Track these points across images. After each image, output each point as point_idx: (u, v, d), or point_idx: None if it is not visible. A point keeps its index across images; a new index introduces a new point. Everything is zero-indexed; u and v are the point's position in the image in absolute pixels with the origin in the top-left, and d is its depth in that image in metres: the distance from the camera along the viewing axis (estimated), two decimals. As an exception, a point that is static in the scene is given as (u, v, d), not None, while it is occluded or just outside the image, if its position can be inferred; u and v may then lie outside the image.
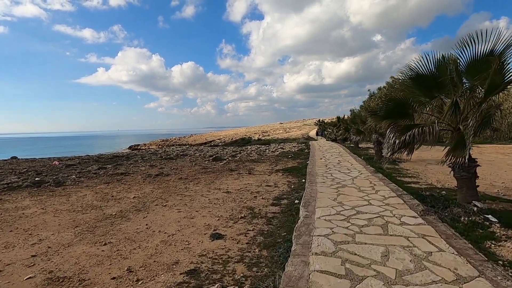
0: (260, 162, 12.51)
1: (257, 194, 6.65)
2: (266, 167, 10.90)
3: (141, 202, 6.38)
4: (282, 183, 7.81)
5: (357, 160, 10.67)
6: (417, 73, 4.72)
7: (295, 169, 9.86)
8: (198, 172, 10.30)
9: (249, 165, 11.49)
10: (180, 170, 10.96)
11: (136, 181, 9.05)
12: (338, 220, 3.93)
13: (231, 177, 9.00)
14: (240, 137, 60.10)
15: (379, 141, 11.33)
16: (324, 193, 5.58)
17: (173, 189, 7.63)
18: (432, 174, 8.57)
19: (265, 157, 14.48)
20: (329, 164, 9.92)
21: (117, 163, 13.66)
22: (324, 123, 58.37)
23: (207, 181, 8.49)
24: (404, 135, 4.28)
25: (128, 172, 10.74)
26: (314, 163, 10.28)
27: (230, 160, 13.14)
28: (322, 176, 7.51)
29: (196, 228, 4.58)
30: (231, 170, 10.31)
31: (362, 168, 8.75)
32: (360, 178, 7.09)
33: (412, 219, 3.86)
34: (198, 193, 7.08)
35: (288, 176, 8.78)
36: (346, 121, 19.70)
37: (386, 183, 6.26)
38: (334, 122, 29.11)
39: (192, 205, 5.99)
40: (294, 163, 11.63)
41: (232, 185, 7.80)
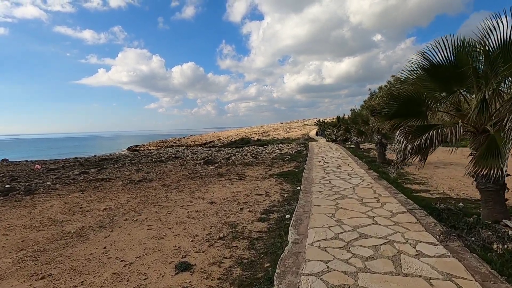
0: (254, 165, 11.66)
1: (244, 206, 5.80)
2: (260, 172, 10.04)
3: (110, 216, 5.54)
4: (275, 191, 6.95)
5: (359, 164, 9.81)
6: (432, 63, 3.86)
7: (291, 174, 9.01)
8: (184, 177, 9.45)
9: (241, 169, 10.64)
10: (166, 175, 10.11)
11: (115, 188, 8.20)
12: (336, 248, 3.07)
13: (219, 184, 8.15)
14: (239, 137, 59.33)
15: (382, 143, 10.47)
16: (320, 206, 4.72)
17: (151, 199, 6.79)
18: (442, 180, 7.71)
19: (260, 159, 13.63)
20: (327, 168, 9.06)
21: (102, 167, 12.83)
22: (324, 123, 57.51)
23: (191, 189, 7.64)
24: (419, 139, 3.43)
25: (109, 177, 9.91)
26: (312, 167, 9.42)
27: (222, 164, 12.30)
28: (319, 184, 6.66)
29: (163, 254, 3.73)
30: (220, 175, 9.45)
31: (364, 173, 7.88)
32: (362, 186, 6.22)
33: (431, 247, 3.00)
34: (178, 203, 6.23)
35: (282, 183, 7.92)
36: (346, 121, 18.83)
37: (393, 193, 5.40)
38: (334, 122, 28.27)
39: (167, 219, 5.15)
40: (290, 167, 10.77)
41: (218, 194, 6.95)
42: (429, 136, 3.33)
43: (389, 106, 4.47)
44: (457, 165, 10.26)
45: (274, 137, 55.99)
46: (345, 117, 25.00)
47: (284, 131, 76.14)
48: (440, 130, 3.27)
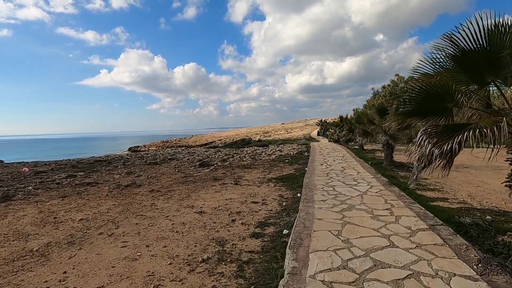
0: (252, 168, 10.96)
1: (237, 216, 5.11)
2: (258, 175, 9.34)
3: (84, 228, 4.87)
4: (272, 199, 6.25)
5: (364, 167, 9.08)
6: (461, 48, 3.14)
7: (291, 178, 8.30)
8: (176, 181, 8.77)
9: (238, 173, 9.94)
10: (157, 179, 9.44)
11: (99, 194, 7.54)
12: (345, 284, 2.37)
13: (212, 189, 7.46)
14: (241, 138, 58.70)
15: (389, 144, 9.74)
16: (323, 220, 4.01)
17: (135, 207, 6.11)
18: (458, 186, 6.97)
19: (259, 161, 12.93)
20: (331, 172, 8.34)
21: (93, 170, 12.19)
22: (326, 123, 56.69)
23: (181, 195, 6.96)
24: (449, 141, 2.71)
25: (97, 181, 9.25)
26: (314, 171, 8.70)
27: (219, 166, 11.61)
28: (322, 191, 5.94)
29: (131, 283, 3.04)
30: (215, 179, 8.76)
31: (371, 178, 7.16)
32: (371, 193, 5.50)
33: (471, 284, 2.30)
34: (163, 213, 5.55)
35: (281, 188, 7.22)
36: (350, 120, 18.07)
37: (408, 204, 4.67)
38: (337, 122, 27.51)
39: (147, 234, 4.47)
40: (291, 170, 10.07)
41: (210, 201, 6.26)
42: (463, 138, 2.62)
43: (412, 101, 3.74)
44: (470, 168, 9.51)
45: (276, 138, 55.27)
46: (348, 117, 24.25)
47: (285, 131, 75.38)
48: (478, 131, 2.55)
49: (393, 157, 9.97)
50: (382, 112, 9.60)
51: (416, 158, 3.31)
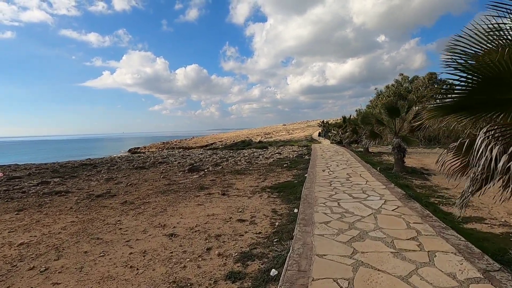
0: (246, 174, 9.82)
1: (215, 242, 3.98)
2: (251, 183, 8.20)
3: (17, 259, 3.75)
4: (264, 215, 5.11)
5: (373, 174, 7.91)
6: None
7: (288, 187, 7.16)
8: (156, 191, 7.64)
9: (229, 179, 8.81)
10: (137, 187, 8.33)
11: (63, 206, 6.44)
12: None
13: (194, 201, 6.33)
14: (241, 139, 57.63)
15: (401, 147, 8.57)
16: (326, 258, 2.86)
17: (96, 225, 5.00)
18: (489, 199, 5.77)
19: (255, 166, 11.79)
20: (334, 180, 7.18)
21: (72, 175, 11.11)
22: (328, 124, 55.47)
23: (156, 209, 5.84)
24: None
25: (68, 190, 8.16)
26: (314, 178, 7.55)
27: (209, 172, 10.49)
28: (324, 206, 4.80)
29: None
30: (201, 188, 7.64)
31: (383, 188, 6.00)
32: (386, 212, 4.35)
33: None
34: (126, 235, 4.43)
35: (276, 201, 6.08)
36: (354, 121, 16.86)
37: (438, 230, 3.51)
38: (339, 123, 26.32)
39: (91, 270, 3.35)
40: (289, 176, 8.92)
41: (187, 218, 5.14)
42: None
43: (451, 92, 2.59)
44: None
45: (277, 139, 54.14)
46: (351, 118, 23.06)
47: (287, 132, 74.22)
48: None
49: (404, 162, 8.80)
50: (392, 112, 8.45)
51: (470, 173, 2.15)
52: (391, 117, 8.59)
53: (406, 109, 8.53)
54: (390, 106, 8.43)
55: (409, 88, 40.76)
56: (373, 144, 8.78)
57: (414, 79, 40.89)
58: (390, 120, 8.76)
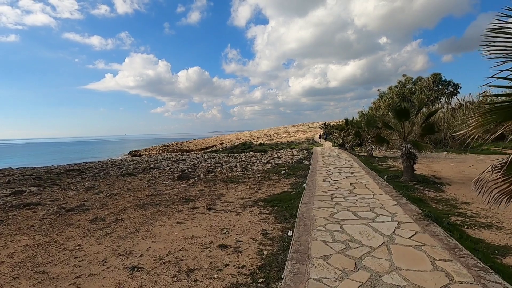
0: (239, 182, 8.96)
1: (185, 281, 3.13)
2: (243, 194, 7.34)
3: None
4: (251, 239, 4.25)
5: (380, 184, 7.02)
6: None
7: (284, 200, 6.29)
8: (136, 204, 6.80)
9: (219, 190, 7.95)
10: (116, 198, 7.49)
11: (25, 223, 5.60)
12: None
13: (174, 218, 5.48)
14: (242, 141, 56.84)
15: (411, 154, 7.68)
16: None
17: (51, 251, 4.16)
18: (521, 218, 4.88)
19: (250, 172, 10.93)
20: (336, 193, 6.30)
21: (53, 183, 10.31)
22: (330, 126, 54.54)
23: (128, 229, 4.99)
24: None
25: (40, 201, 7.34)
26: (314, 190, 6.68)
27: (200, 179, 9.64)
28: (324, 231, 3.92)
29: None
30: (186, 201, 6.78)
31: (394, 205, 5.11)
32: (402, 241, 3.46)
33: None
34: (79, 267, 3.59)
35: (268, 218, 5.21)
36: (357, 124, 15.95)
37: (475, 271, 2.63)
38: (342, 125, 25.44)
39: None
40: (286, 186, 8.05)
41: (160, 243, 4.29)
42: None
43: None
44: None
45: (278, 141, 53.30)
46: (354, 120, 22.16)
47: (288, 134, 73.33)
48: None
49: (414, 170, 7.91)
50: (401, 114, 7.57)
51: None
52: (399, 119, 7.71)
53: (416, 110, 7.65)
54: (398, 107, 7.56)
55: (412, 89, 39.83)
56: (379, 149, 7.88)
57: (418, 80, 39.97)
58: (398, 123, 7.89)
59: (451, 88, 36.09)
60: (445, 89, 35.71)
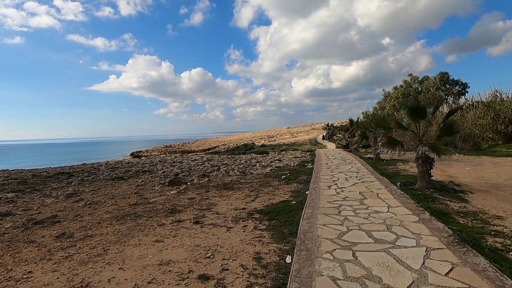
0: (235, 189, 8.11)
1: None
2: (237, 203, 6.49)
3: None
4: (240, 267, 3.40)
5: (394, 193, 6.13)
6: None
7: (283, 212, 5.44)
8: (115, 215, 5.98)
9: (211, 198, 7.11)
10: (95, 208, 6.68)
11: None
12: None
13: (153, 234, 4.65)
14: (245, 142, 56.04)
15: (427, 158, 6.79)
16: None
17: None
18: None
19: (249, 177, 10.09)
20: (344, 204, 5.42)
21: (35, 188, 9.56)
22: (333, 127, 53.54)
23: (96, 249, 4.17)
24: None
25: (11, 211, 6.56)
26: (318, 200, 5.81)
27: (193, 185, 8.81)
28: (331, 261, 3.06)
29: None
30: (172, 211, 5.95)
31: (415, 221, 4.22)
32: (439, 280, 2.57)
33: None
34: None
35: (263, 236, 4.36)
36: (363, 124, 15.00)
37: None
38: (346, 126, 24.49)
39: None
40: (286, 193, 7.19)
41: (128, 270, 3.46)
42: None
43: None
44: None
45: (280, 142, 52.42)
46: (358, 120, 21.22)
47: (291, 135, 72.42)
48: None
49: (431, 176, 7.01)
50: (416, 112, 6.68)
51: None
52: (414, 119, 6.82)
53: (433, 109, 6.76)
54: (413, 105, 6.67)
55: (418, 88, 38.69)
56: (391, 153, 6.99)
57: (424, 80, 38.81)
58: (413, 123, 7.00)
59: (459, 87, 34.95)
60: (452, 88, 34.60)
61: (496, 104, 23.66)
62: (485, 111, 22.99)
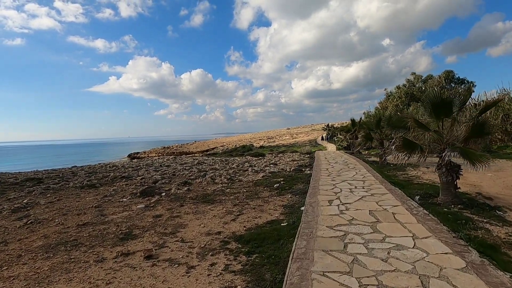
0: (215, 201, 6.70)
1: None
2: (213, 224, 5.07)
3: None
4: None
5: (416, 214, 4.71)
6: None
7: (270, 239, 4.05)
8: (48, 242, 4.55)
9: (183, 215, 5.68)
10: (32, 229, 5.25)
11: None
12: None
13: (81, 279, 3.24)
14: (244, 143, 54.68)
15: (453, 166, 5.40)
16: None
17: None
18: None
19: (237, 184, 8.68)
20: (351, 232, 4.00)
21: (-15, 199, 8.16)
22: (333, 127, 52.18)
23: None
24: None
25: None
26: (315, 225, 4.39)
27: (167, 196, 7.39)
28: None
29: None
30: (123, 238, 4.53)
31: (461, 268, 2.83)
32: None
33: None
34: None
35: (235, 281, 2.97)
36: (368, 124, 13.54)
37: None
38: (348, 126, 23.12)
39: None
40: (277, 208, 5.79)
41: None
42: None
43: None
44: None
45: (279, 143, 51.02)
46: (361, 120, 19.83)
47: (290, 136, 71.01)
48: None
49: (458, 188, 5.62)
50: (440, 108, 5.29)
51: None
52: (437, 116, 5.43)
53: (460, 104, 5.36)
54: (436, 99, 5.27)
55: (422, 88, 37.29)
56: (407, 159, 5.55)
57: (428, 78, 37.40)
58: (434, 122, 5.61)
59: (465, 87, 33.54)
60: (458, 87, 33.20)
61: (505, 104, 22.39)
62: (494, 111, 21.73)
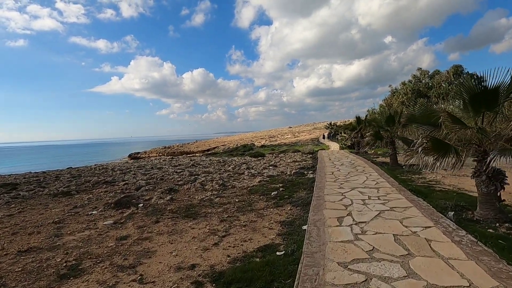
0: (199, 216, 5.55)
1: None
2: (189, 251, 3.93)
3: None
4: None
5: (461, 244, 3.51)
6: None
7: (259, 281, 2.89)
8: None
9: (155, 236, 4.54)
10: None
11: None
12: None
13: None
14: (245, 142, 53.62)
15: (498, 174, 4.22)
16: None
17: None
18: None
19: (229, 191, 7.54)
20: (374, 274, 2.84)
21: None
22: (336, 126, 50.93)
23: None
24: None
25: None
26: (322, 263, 3.22)
27: (144, 208, 6.26)
28: None
29: None
30: (64, 276, 3.40)
31: None
32: None
33: None
34: None
35: None
36: (377, 121, 12.27)
37: None
38: (352, 124, 21.88)
39: None
40: (272, 227, 4.63)
41: None
42: None
43: None
44: None
45: (281, 142, 49.87)
46: (367, 118, 18.60)
47: (292, 135, 69.76)
48: None
49: (502, 200, 4.42)
50: (481, 99, 4.11)
51: None
52: (477, 110, 4.25)
53: (506, 93, 4.17)
54: (475, 88, 4.10)
55: (429, 84, 35.89)
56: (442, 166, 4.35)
57: (435, 74, 35.98)
58: (472, 117, 4.42)
59: (474, 82, 32.07)
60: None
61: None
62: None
